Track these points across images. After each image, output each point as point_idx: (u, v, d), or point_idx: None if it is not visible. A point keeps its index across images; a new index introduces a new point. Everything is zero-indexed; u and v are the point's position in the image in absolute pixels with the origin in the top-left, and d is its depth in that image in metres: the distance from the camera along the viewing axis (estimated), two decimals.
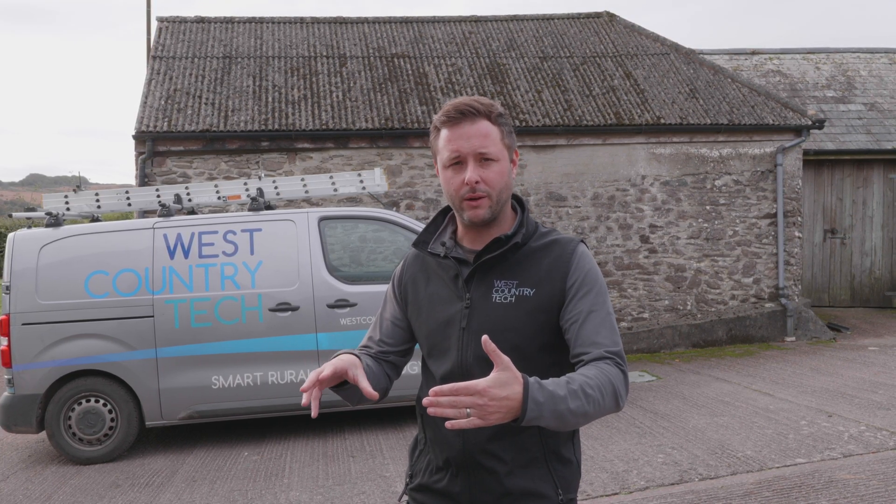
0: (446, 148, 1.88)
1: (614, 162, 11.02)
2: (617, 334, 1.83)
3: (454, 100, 1.91)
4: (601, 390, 1.65)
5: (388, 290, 2.13)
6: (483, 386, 1.51)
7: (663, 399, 7.71)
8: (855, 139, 13.54)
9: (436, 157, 1.95)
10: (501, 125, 1.90)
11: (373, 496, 5.27)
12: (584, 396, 1.61)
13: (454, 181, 1.87)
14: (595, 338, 1.79)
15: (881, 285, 13.79)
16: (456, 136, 1.86)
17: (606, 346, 1.77)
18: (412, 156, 10.69)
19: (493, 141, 1.87)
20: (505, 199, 1.90)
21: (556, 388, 1.58)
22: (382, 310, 2.13)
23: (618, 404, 1.70)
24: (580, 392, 1.61)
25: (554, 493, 1.87)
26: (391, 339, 2.09)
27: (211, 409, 6.63)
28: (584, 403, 1.60)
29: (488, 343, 1.54)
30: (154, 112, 10.46)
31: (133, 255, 6.64)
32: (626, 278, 11.04)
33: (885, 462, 5.37)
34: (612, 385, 1.68)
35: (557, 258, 1.89)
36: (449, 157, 1.87)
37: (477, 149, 1.84)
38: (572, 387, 1.61)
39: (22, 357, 6.45)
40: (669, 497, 4.90)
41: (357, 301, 6.73)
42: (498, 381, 1.52)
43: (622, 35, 12.82)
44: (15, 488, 5.89)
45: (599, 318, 1.82)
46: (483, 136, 1.85)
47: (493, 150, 1.87)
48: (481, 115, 1.87)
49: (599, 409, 1.65)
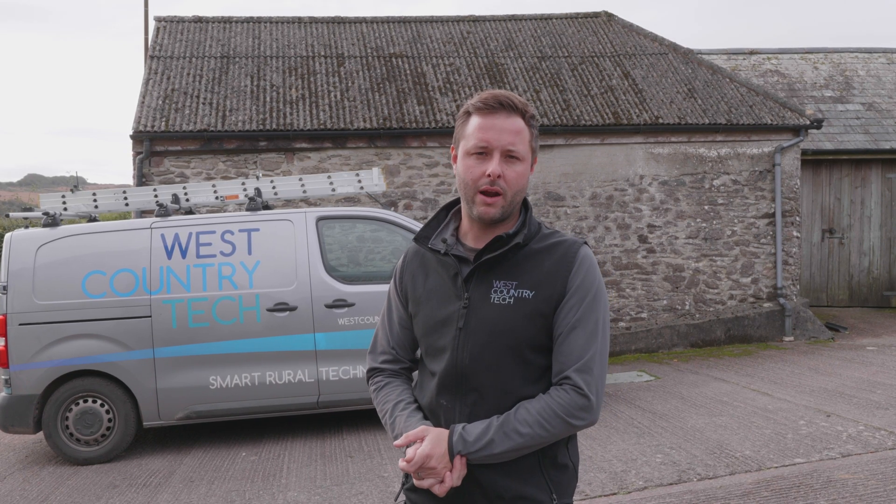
0: (475, 135, 1.85)
1: (612, 162, 11.01)
2: (594, 343, 1.83)
3: (492, 90, 1.89)
4: (542, 424, 1.78)
5: (391, 290, 2.11)
6: (427, 451, 1.78)
7: (662, 399, 7.71)
8: (853, 139, 13.54)
9: (457, 142, 1.91)
10: (532, 127, 1.89)
11: (371, 496, 5.26)
12: (518, 436, 1.78)
13: (475, 170, 1.84)
14: (567, 355, 1.83)
15: (879, 285, 13.80)
16: (488, 126, 1.83)
17: (573, 363, 1.82)
18: (410, 155, 10.68)
19: (522, 140, 1.85)
20: (518, 201, 1.89)
21: (484, 431, 1.79)
22: (388, 313, 2.11)
23: (572, 425, 1.81)
24: (513, 433, 1.78)
25: (548, 498, 1.86)
26: (408, 345, 2.07)
27: (208, 410, 6.62)
28: (519, 440, 1.78)
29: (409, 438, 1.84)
30: (152, 112, 10.45)
31: (130, 255, 6.63)
32: (625, 278, 11.04)
33: (883, 462, 5.37)
34: (556, 414, 1.79)
35: (559, 260, 1.87)
36: (476, 144, 1.84)
37: (506, 144, 1.83)
38: (505, 429, 1.79)
39: (19, 357, 6.43)
40: (668, 497, 4.90)
41: (355, 301, 6.72)
42: (433, 439, 1.80)
43: (620, 35, 12.82)
44: (12, 489, 5.88)
45: (582, 331, 1.83)
46: (515, 133, 1.84)
47: (521, 149, 1.85)
48: (517, 112, 1.85)
49: (544, 439, 1.80)
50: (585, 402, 1.79)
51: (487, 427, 1.79)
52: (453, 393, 1.88)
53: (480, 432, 1.79)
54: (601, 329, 1.85)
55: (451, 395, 1.89)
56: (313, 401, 6.71)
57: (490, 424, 1.80)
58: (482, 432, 1.79)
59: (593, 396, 1.80)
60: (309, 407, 6.77)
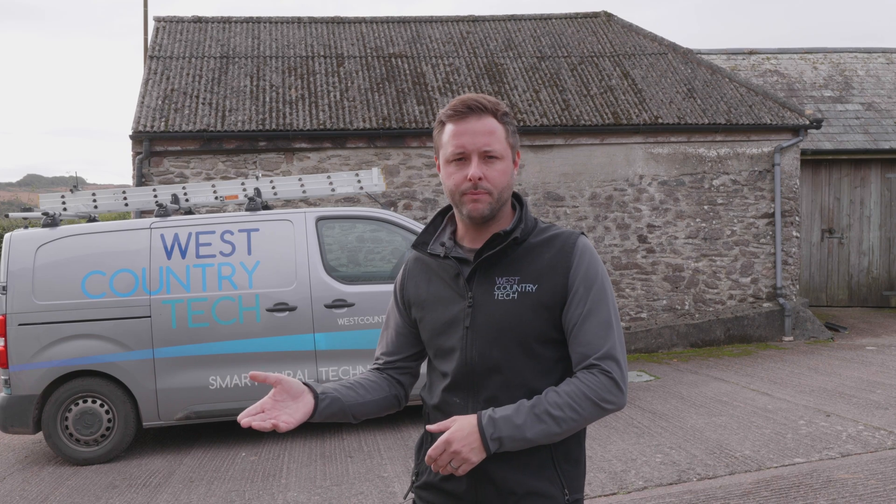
0: (450, 143, 1.87)
1: (612, 162, 11.02)
2: (612, 331, 1.86)
3: (461, 96, 1.91)
4: (573, 406, 1.77)
5: (391, 301, 2.15)
6: (447, 436, 1.74)
7: (661, 399, 7.71)
8: (852, 139, 13.54)
9: (437, 152, 1.94)
10: (506, 124, 1.90)
11: (370, 496, 5.26)
12: (551, 418, 1.76)
13: (456, 176, 1.87)
14: (587, 344, 1.84)
15: (879, 285, 13.81)
16: (461, 132, 1.85)
17: (596, 351, 1.83)
18: (410, 156, 10.68)
19: (497, 139, 1.87)
20: (506, 198, 1.91)
21: (515, 416, 1.75)
22: (387, 321, 2.15)
23: (603, 409, 1.81)
24: (545, 415, 1.75)
25: (560, 493, 1.87)
26: (396, 348, 2.10)
27: (208, 410, 6.62)
28: (551, 425, 1.76)
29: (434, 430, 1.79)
30: (151, 112, 10.45)
31: (130, 256, 6.63)
32: (624, 278, 11.04)
33: (883, 461, 5.37)
34: (586, 397, 1.78)
35: (559, 252, 1.89)
36: (453, 152, 1.86)
37: (482, 146, 1.84)
38: (536, 411, 1.76)
39: (19, 357, 6.43)
40: (668, 497, 4.90)
41: (355, 301, 6.72)
42: (457, 426, 1.75)
43: (620, 35, 12.82)
44: (11, 489, 5.88)
45: (596, 319, 1.85)
46: (488, 134, 1.85)
47: (498, 147, 1.87)
48: (488, 112, 1.87)
49: (575, 423, 1.79)
50: (615, 386, 1.82)
51: (517, 410, 1.77)
52: (466, 391, 1.90)
53: (510, 414, 1.76)
54: (615, 317, 1.88)
55: (464, 393, 1.90)
56: None
57: (519, 408, 1.78)
58: (512, 414, 1.76)
59: (622, 382, 1.83)
60: None
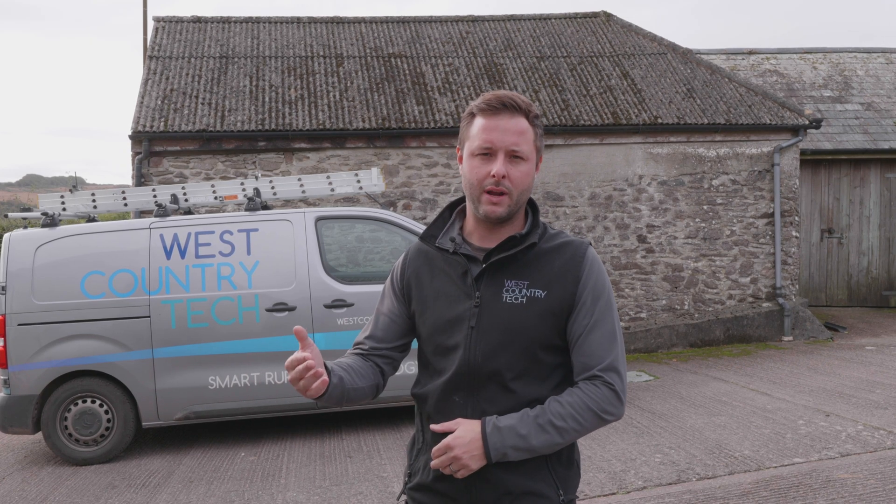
0: (479, 136, 1.87)
1: (611, 162, 11.01)
2: (616, 343, 1.89)
3: (495, 91, 1.91)
4: (576, 417, 1.81)
5: (387, 285, 2.11)
6: (449, 441, 1.77)
7: (661, 399, 7.71)
8: (852, 139, 13.55)
9: (462, 143, 1.93)
10: (536, 126, 1.91)
11: (370, 496, 5.26)
12: (554, 429, 1.80)
13: (479, 171, 1.87)
14: (591, 355, 1.87)
15: (878, 285, 13.81)
16: (492, 127, 1.86)
17: (599, 363, 1.86)
18: (409, 156, 10.68)
19: (526, 140, 1.88)
20: (524, 200, 1.93)
21: (519, 426, 1.78)
22: (380, 305, 2.12)
23: (604, 420, 1.85)
24: (549, 425, 1.79)
25: (555, 494, 1.88)
26: (386, 335, 2.07)
27: (208, 410, 6.62)
28: (554, 435, 1.79)
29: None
30: (151, 112, 10.44)
31: (129, 256, 6.62)
32: (624, 278, 11.04)
33: (882, 461, 5.37)
34: (589, 408, 1.82)
35: (569, 261, 1.90)
36: (480, 145, 1.86)
37: (510, 145, 1.85)
38: (540, 421, 1.79)
39: (18, 358, 6.43)
40: (667, 497, 4.90)
41: (354, 301, 6.72)
42: (460, 431, 1.79)
43: (619, 35, 12.82)
44: (11, 489, 5.87)
45: (601, 331, 1.88)
46: (518, 133, 1.86)
47: (525, 149, 1.88)
48: (520, 112, 1.88)
49: (577, 433, 1.83)
50: (616, 398, 1.86)
51: (521, 420, 1.80)
52: (466, 390, 1.90)
53: (515, 424, 1.79)
54: (618, 329, 1.93)
55: (464, 393, 1.90)
56: (312, 401, 6.70)
57: (523, 417, 1.81)
58: (517, 424, 1.79)
59: (622, 394, 1.87)
60: (308, 407, 6.77)
